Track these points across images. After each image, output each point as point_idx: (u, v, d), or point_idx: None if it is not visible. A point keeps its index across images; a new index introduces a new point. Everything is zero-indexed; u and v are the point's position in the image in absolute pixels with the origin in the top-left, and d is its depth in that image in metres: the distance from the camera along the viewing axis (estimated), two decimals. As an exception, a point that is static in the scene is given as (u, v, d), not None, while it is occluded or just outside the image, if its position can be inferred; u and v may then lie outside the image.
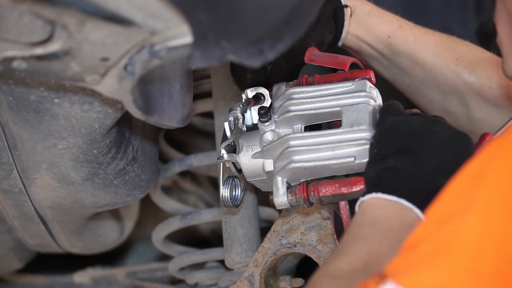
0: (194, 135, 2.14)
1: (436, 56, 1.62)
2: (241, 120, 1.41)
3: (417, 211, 1.21)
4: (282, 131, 1.41)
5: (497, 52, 2.23)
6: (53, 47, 1.11)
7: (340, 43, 1.63)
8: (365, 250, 1.18)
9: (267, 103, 1.46)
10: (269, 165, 1.39)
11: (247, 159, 1.42)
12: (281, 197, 1.36)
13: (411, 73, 1.64)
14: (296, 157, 1.35)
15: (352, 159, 1.32)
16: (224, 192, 1.46)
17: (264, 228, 1.71)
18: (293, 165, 1.35)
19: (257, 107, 1.44)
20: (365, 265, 1.15)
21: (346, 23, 1.59)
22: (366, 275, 1.09)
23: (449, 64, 1.62)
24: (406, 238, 1.08)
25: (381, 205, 1.23)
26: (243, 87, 1.48)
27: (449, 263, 1.01)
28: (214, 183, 2.23)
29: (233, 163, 1.43)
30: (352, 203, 1.37)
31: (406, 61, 1.63)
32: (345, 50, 1.67)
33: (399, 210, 1.22)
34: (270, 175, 1.40)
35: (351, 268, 1.15)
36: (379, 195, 1.23)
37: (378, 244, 1.19)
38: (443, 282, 1.00)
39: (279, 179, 1.36)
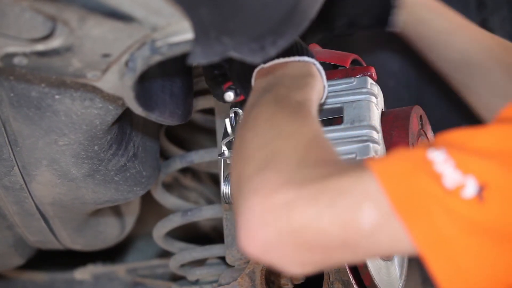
0: (195, 132, 2.14)
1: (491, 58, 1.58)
2: (241, 116, 1.41)
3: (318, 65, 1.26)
4: (283, 127, 1.40)
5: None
6: (54, 43, 1.11)
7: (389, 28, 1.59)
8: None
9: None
10: (270, 161, 1.39)
11: (248, 155, 1.41)
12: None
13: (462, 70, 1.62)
14: (297, 154, 1.35)
15: (354, 155, 1.32)
16: (225, 188, 1.46)
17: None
18: (294, 161, 1.34)
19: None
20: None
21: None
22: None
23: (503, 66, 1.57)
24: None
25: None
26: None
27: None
28: (215, 180, 2.23)
29: (234, 160, 1.43)
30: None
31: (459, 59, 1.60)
32: (345, 48, 1.66)
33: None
34: (271, 171, 1.39)
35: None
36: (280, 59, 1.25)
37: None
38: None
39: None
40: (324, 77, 1.30)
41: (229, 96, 1.36)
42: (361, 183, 0.95)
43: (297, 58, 1.28)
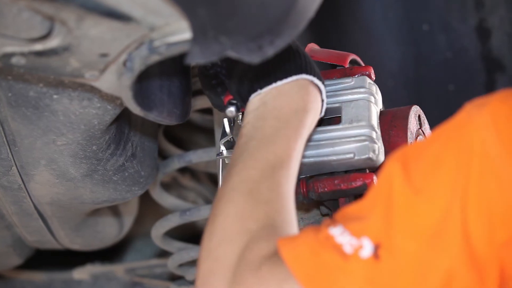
0: (194, 132, 2.14)
1: None
2: (240, 116, 1.41)
3: (316, 81, 1.28)
4: (282, 127, 1.40)
5: (496, 48, 2.23)
6: (52, 43, 1.11)
7: None
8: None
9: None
10: (268, 161, 1.39)
11: (247, 155, 1.41)
12: (280, 194, 1.36)
13: None
14: (296, 153, 1.35)
15: (352, 155, 1.32)
16: (224, 188, 1.46)
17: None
18: (293, 161, 1.34)
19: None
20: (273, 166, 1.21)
21: None
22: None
23: None
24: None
25: (279, 92, 1.27)
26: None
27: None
28: (213, 180, 2.23)
29: (233, 160, 1.43)
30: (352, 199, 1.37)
31: None
32: (343, 48, 1.67)
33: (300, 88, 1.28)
34: (270, 171, 1.39)
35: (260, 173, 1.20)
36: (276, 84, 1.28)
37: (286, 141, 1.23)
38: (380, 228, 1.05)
39: (278, 175, 1.36)
40: (324, 92, 1.32)
41: (231, 112, 1.37)
42: (277, 276, 1.07)
43: (295, 77, 1.28)
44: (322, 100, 1.32)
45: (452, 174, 1.04)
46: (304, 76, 1.29)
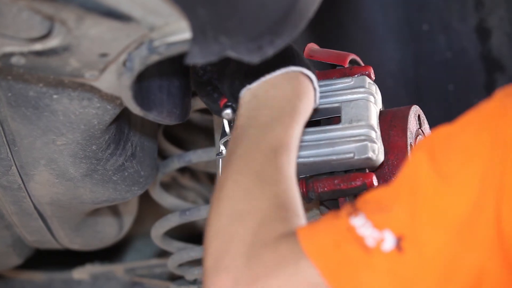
0: (193, 131, 2.14)
1: None
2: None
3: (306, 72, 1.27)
4: (281, 127, 1.40)
5: (496, 48, 2.23)
6: (52, 43, 1.11)
7: None
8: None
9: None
10: (268, 161, 1.39)
11: (246, 155, 1.41)
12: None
13: None
14: (295, 153, 1.35)
15: (351, 155, 1.32)
16: (223, 188, 1.46)
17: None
18: (292, 161, 1.34)
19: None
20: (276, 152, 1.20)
21: None
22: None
23: None
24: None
25: (270, 84, 1.27)
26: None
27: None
28: (213, 179, 2.23)
29: (232, 159, 1.42)
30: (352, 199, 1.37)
31: None
32: (343, 48, 1.67)
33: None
34: (269, 171, 1.39)
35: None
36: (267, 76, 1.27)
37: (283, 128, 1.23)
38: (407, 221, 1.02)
39: (278, 175, 1.36)
40: (315, 81, 1.31)
41: (228, 114, 1.37)
42: (300, 273, 1.05)
43: (283, 70, 1.28)
44: (315, 89, 1.32)
45: (485, 166, 1.01)
46: (292, 68, 1.29)
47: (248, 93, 1.29)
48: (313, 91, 1.31)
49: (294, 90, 1.28)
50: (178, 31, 1.09)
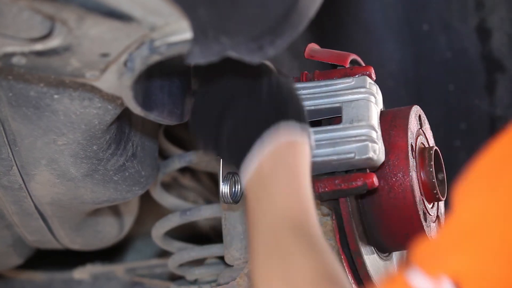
0: (194, 132, 2.14)
1: None
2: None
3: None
4: (282, 127, 1.40)
5: (497, 49, 2.23)
6: (53, 43, 1.11)
7: None
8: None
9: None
10: (269, 161, 1.39)
11: (247, 155, 1.41)
12: (281, 193, 1.36)
13: None
14: (296, 153, 1.35)
15: (352, 155, 1.32)
16: (224, 188, 1.46)
17: (264, 225, 1.70)
18: (293, 161, 1.34)
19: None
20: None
21: None
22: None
23: None
24: None
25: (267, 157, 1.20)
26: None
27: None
28: (214, 180, 2.23)
29: (233, 159, 1.43)
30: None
31: None
32: (344, 48, 1.67)
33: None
34: (270, 171, 1.39)
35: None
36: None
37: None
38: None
39: (279, 175, 1.36)
40: (312, 137, 1.25)
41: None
42: None
43: (272, 142, 1.20)
44: (308, 135, 1.25)
45: None
46: (280, 132, 1.21)
47: (250, 174, 1.23)
48: (307, 142, 1.24)
49: (291, 163, 1.20)
50: (178, 31, 1.09)
